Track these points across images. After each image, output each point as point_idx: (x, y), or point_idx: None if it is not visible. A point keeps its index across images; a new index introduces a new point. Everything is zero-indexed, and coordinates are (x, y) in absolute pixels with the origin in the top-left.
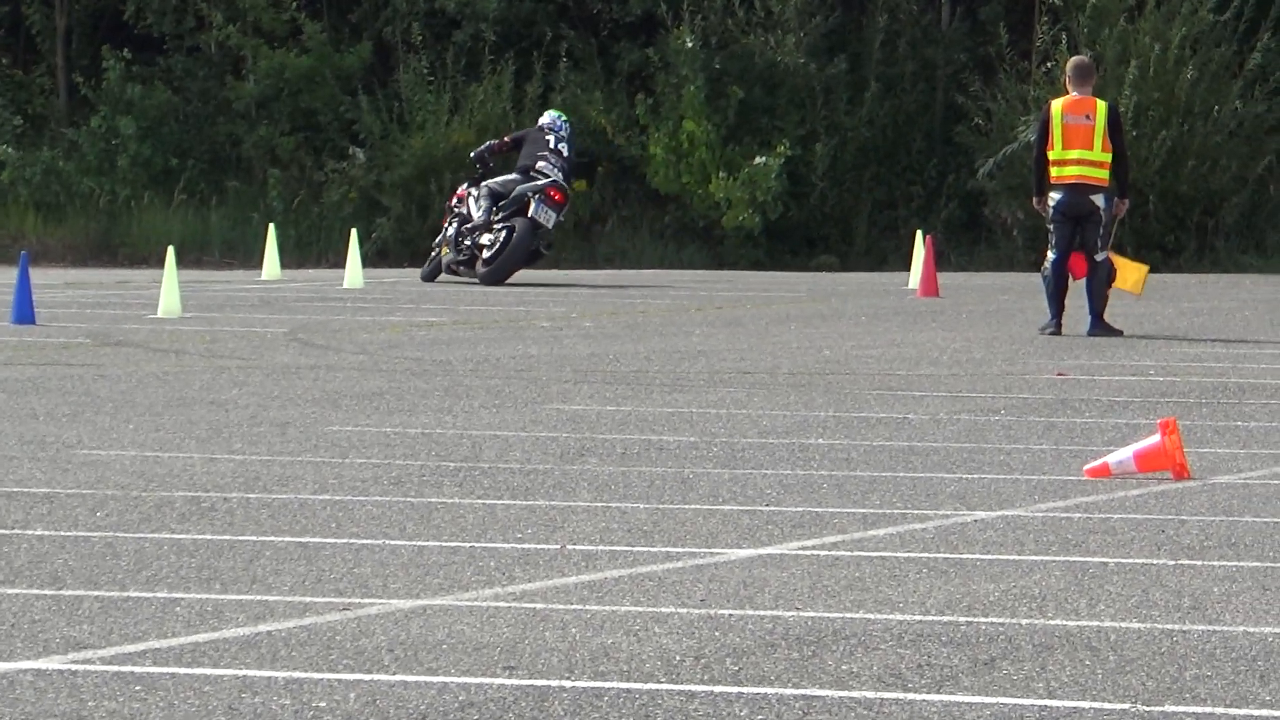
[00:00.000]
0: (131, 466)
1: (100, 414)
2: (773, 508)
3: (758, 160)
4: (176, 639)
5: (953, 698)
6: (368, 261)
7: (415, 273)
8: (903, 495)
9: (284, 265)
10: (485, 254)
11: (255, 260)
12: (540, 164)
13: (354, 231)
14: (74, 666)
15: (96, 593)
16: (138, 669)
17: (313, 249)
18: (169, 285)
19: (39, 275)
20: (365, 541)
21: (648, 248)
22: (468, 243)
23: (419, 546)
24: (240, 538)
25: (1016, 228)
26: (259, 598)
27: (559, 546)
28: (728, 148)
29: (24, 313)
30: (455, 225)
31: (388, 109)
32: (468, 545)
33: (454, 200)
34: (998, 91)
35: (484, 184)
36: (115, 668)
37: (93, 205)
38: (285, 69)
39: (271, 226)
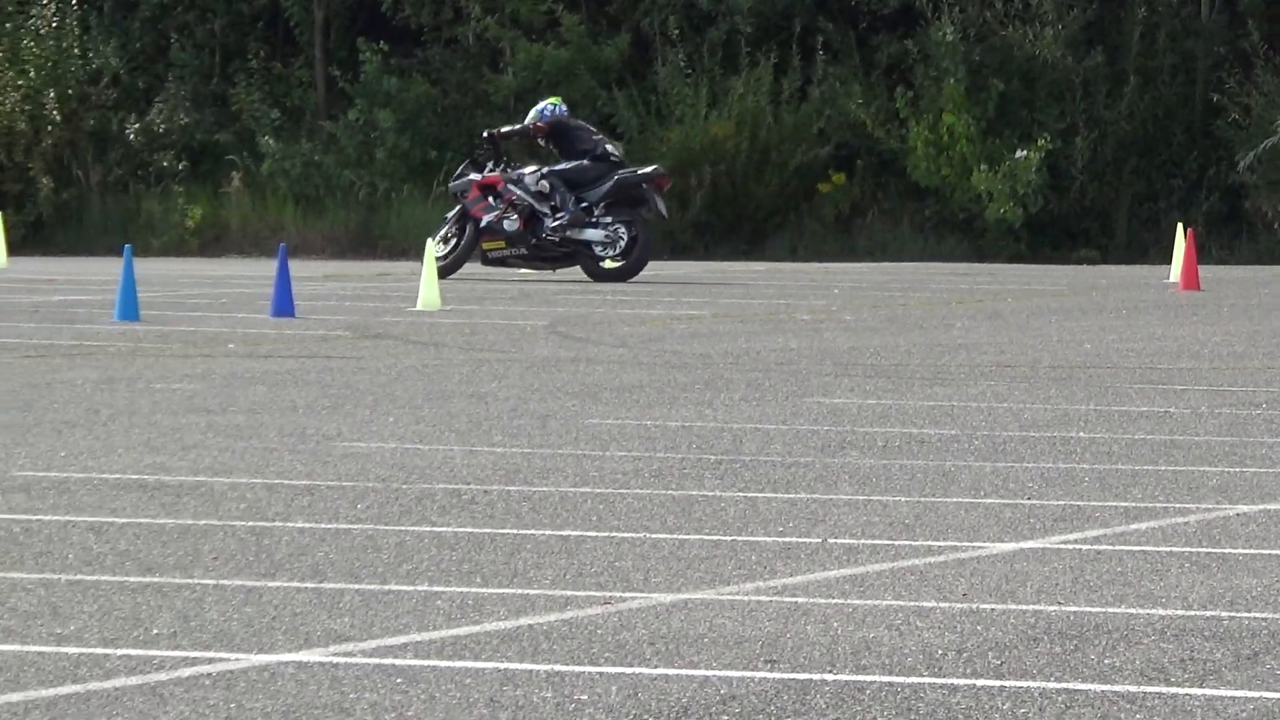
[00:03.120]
0: (391, 459)
1: (360, 407)
2: (1034, 501)
3: (1018, 154)
4: (437, 632)
5: (1215, 692)
6: None
7: (673, 265)
8: (1164, 489)
9: None
10: (605, 250)
11: None
12: (609, 146)
13: None
14: (335, 659)
15: (357, 586)
16: (399, 661)
17: None
18: (428, 278)
19: (298, 268)
20: (626, 535)
21: (908, 241)
22: (556, 238)
23: (680, 540)
24: (501, 531)
25: (1277, 221)
26: (520, 591)
27: (820, 540)
28: (988, 140)
29: (284, 305)
30: (518, 216)
31: (645, 102)
32: (729, 539)
33: (482, 188)
34: (1253, 87)
35: (548, 171)
36: (376, 660)
37: (351, 198)
38: (543, 61)
39: None
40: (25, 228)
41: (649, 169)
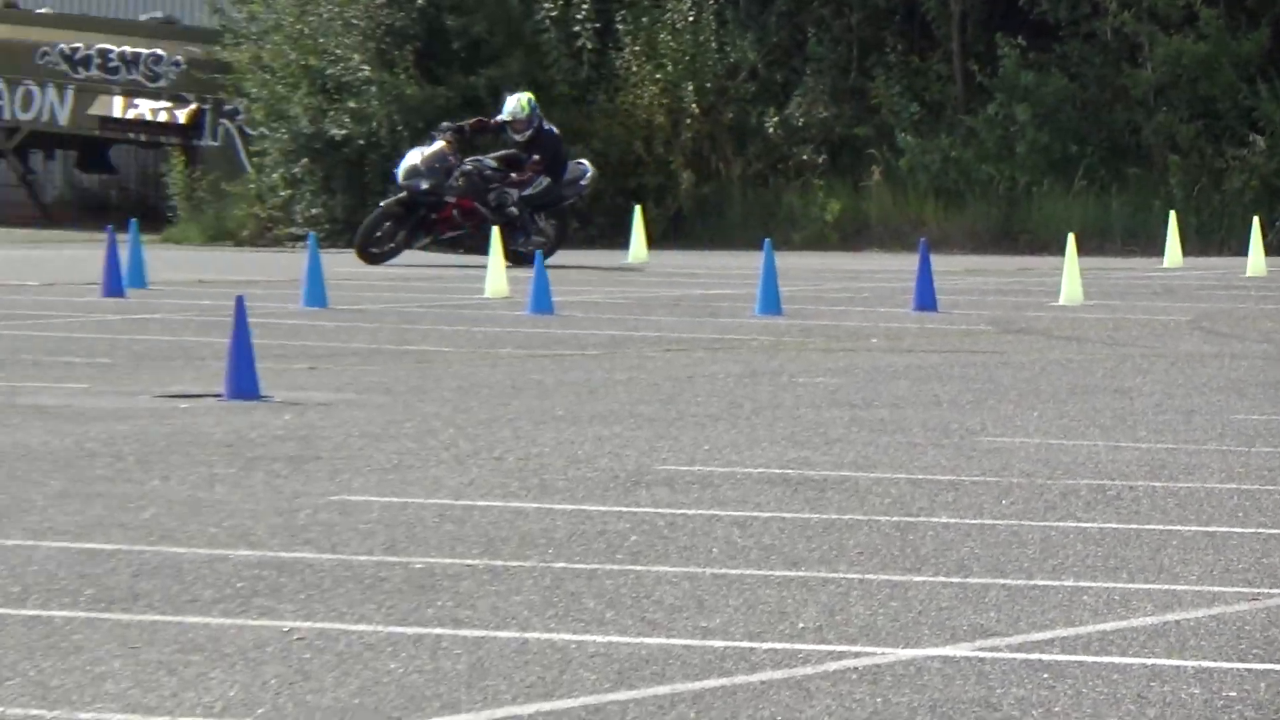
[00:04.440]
0: (1036, 454)
1: (1004, 401)
2: None
3: None
4: (1084, 627)
5: None
6: (1271, 249)
7: None
8: None
9: (1185, 253)
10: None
11: (1156, 248)
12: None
13: (1255, 219)
14: (981, 654)
15: (1003, 581)
16: (1045, 657)
17: (1214, 236)
18: (1070, 273)
19: (939, 262)
20: (1273, 531)
21: None
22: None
23: None
24: (1146, 526)
25: None
26: (1166, 586)
27: None
28: None
29: (926, 300)
30: (519, 203)
31: None
32: None
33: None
34: None
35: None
36: (1022, 655)
37: (992, 192)
38: (1182, 55)
39: (1172, 214)
40: (665, 221)
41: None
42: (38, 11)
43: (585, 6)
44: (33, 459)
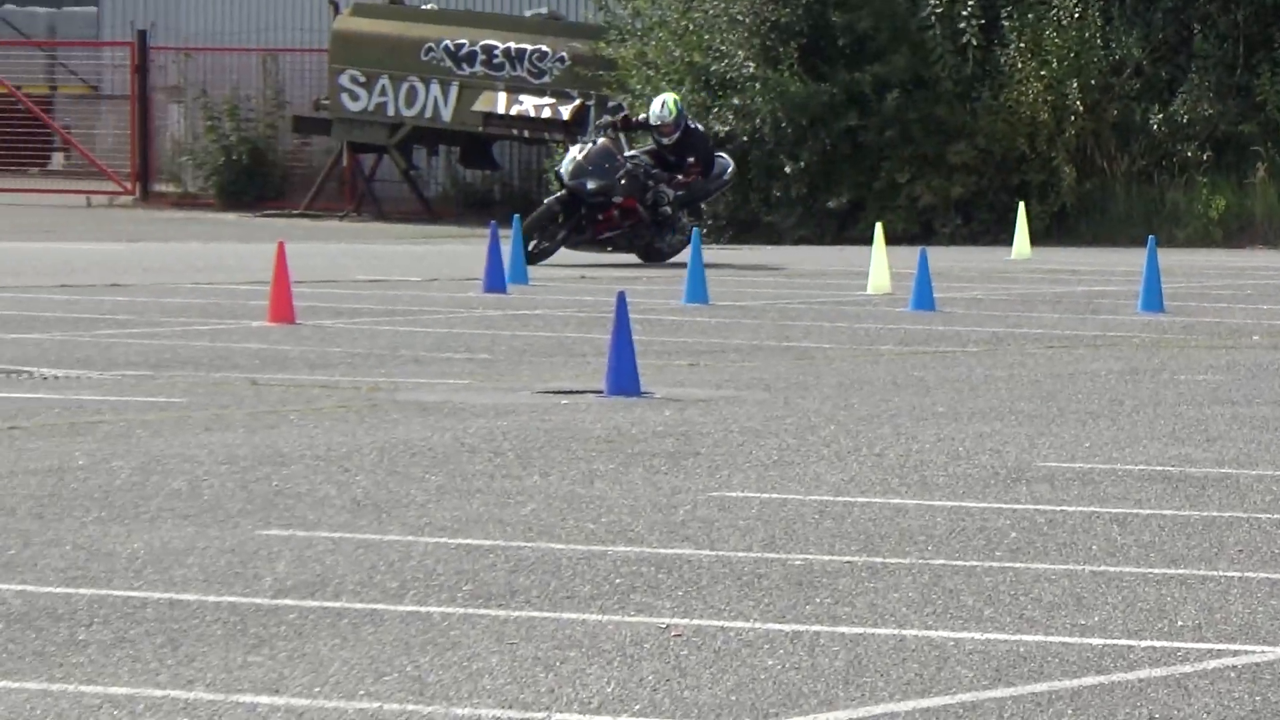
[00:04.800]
0: None
1: None
2: None
3: None
4: None
5: None
6: None
7: None
8: None
9: None
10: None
11: None
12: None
13: None
14: None
15: None
16: None
17: None
18: None
19: None
20: None
21: None
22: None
23: None
24: None
25: None
26: None
27: None
28: None
29: None
30: (674, 202)
31: None
32: None
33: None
34: None
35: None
36: None
37: None
38: None
39: None
40: (1048, 218)
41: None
42: (424, 8)
43: (970, 3)
44: (413, 455)
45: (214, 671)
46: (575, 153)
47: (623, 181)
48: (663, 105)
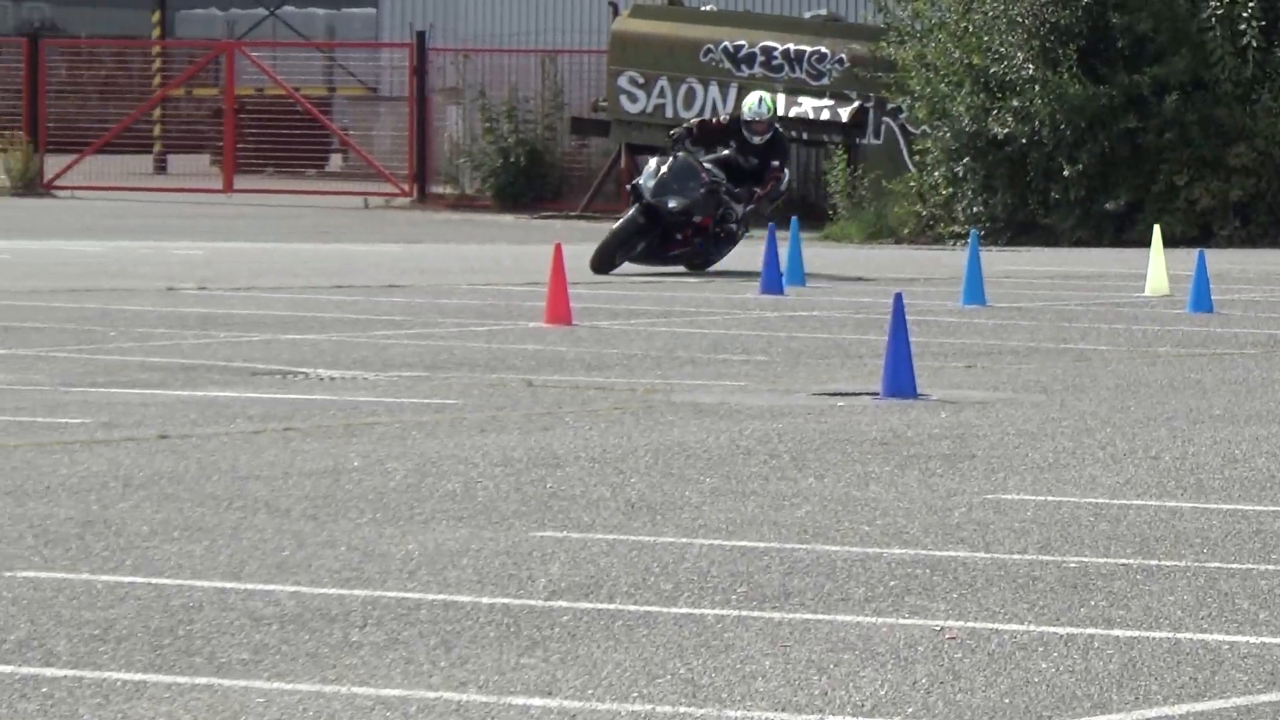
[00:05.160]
0: None
1: None
2: None
3: None
4: None
5: None
6: None
7: None
8: None
9: None
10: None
11: None
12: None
13: None
14: None
15: None
16: None
17: None
18: None
19: None
20: None
21: None
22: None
23: None
24: None
25: None
26: None
27: None
28: None
29: None
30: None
31: None
32: None
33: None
34: None
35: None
36: None
37: None
38: None
39: None
40: None
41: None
42: (702, 9)
43: (1252, 4)
44: (688, 456)
45: (487, 673)
46: (656, 167)
47: (702, 200)
48: (760, 101)
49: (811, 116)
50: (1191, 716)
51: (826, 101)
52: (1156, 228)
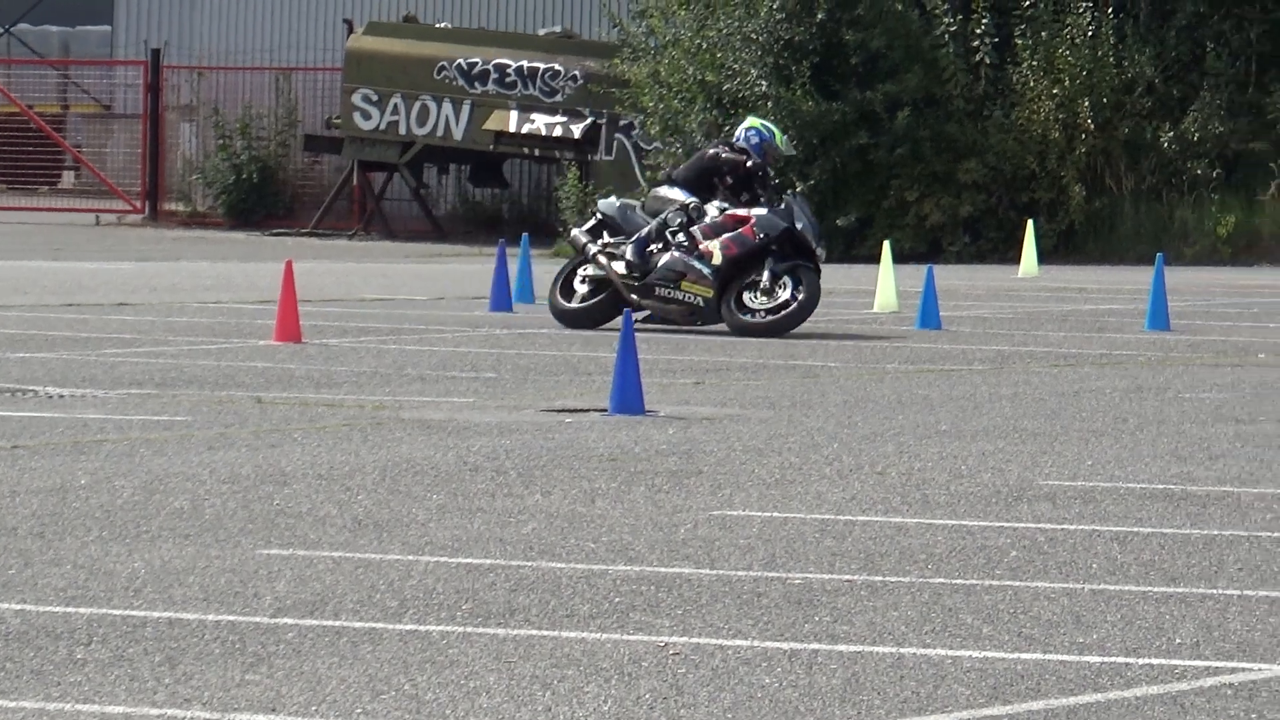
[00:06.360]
0: None
1: None
2: None
3: None
4: None
5: None
6: None
7: None
8: None
9: None
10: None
11: None
12: None
13: None
14: None
15: None
16: None
17: None
18: None
19: None
20: None
21: None
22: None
23: None
24: None
25: None
26: None
27: None
28: None
29: None
30: None
31: None
32: None
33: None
34: None
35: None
36: None
37: None
38: None
39: None
40: (1056, 236)
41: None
42: (437, 27)
43: (984, 22)
44: (416, 473)
45: (211, 690)
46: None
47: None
48: (774, 133)
49: (544, 133)
50: None
51: (560, 118)
52: (886, 244)
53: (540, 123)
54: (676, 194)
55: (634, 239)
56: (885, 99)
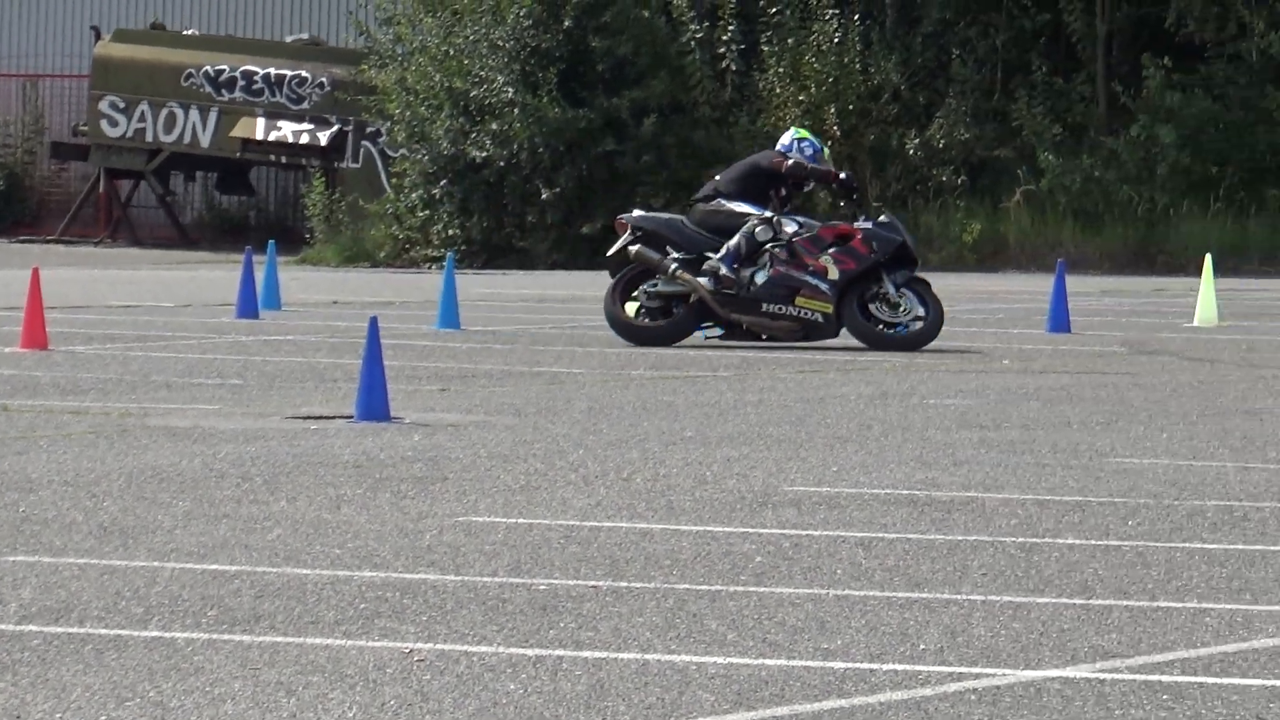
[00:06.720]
0: (1164, 475)
1: (1134, 422)
2: None
3: None
4: (1205, 649)
5: None
6: None
7: None
8: None
9: None
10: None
11: None
12: None
13: None
14: (1101, 675)
15: (1126, 602)
16: (1165, 678)
17: None
18: (1205, 294)
19: (1075, 283)
20: None
21: None
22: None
23: None
24: (1272, 548)
25: None
26: None
27: None
28: None
29: (1059, 321)
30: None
31: None
32: None
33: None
34: None
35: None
36: (1143, 677)
37: (1130, 213)
38: None
39: None
40: None
41: None
42: (185, 34)
43: (731, 29)
44: (162, 480)
45: None
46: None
47: None
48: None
49: (291, 140)
50: None
51: (306, 125)
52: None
53: (287, 130)
54: (747, 208)
55: (723, 254)
56: (632, 105)
